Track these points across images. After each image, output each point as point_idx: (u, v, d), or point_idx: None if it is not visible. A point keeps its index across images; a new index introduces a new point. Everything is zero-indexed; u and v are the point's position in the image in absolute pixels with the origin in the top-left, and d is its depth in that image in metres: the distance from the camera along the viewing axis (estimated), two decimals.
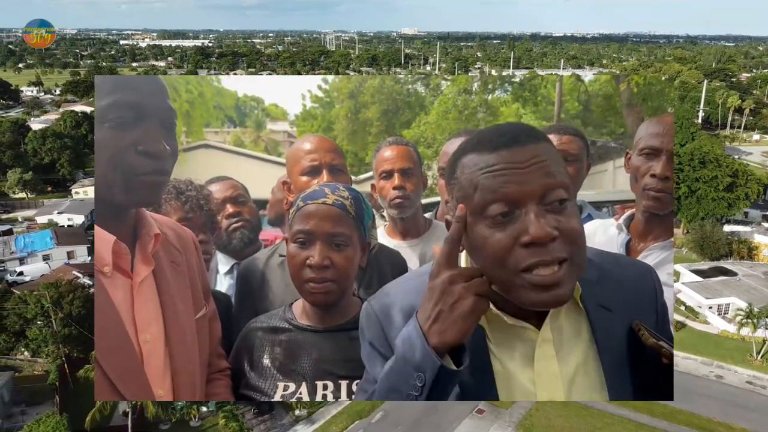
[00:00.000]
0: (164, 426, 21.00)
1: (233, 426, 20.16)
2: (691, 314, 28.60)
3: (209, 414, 21.60)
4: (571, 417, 21.69)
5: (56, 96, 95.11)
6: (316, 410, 22.05)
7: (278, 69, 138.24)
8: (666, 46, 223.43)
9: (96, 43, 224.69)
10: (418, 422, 21.41)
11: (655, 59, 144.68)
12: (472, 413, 21.85)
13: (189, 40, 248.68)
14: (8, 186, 45.96)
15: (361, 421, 21.67)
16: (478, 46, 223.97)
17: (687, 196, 36.38)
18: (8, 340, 23.79)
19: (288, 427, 21.41)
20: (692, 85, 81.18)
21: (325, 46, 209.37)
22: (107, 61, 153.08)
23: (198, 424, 21.35)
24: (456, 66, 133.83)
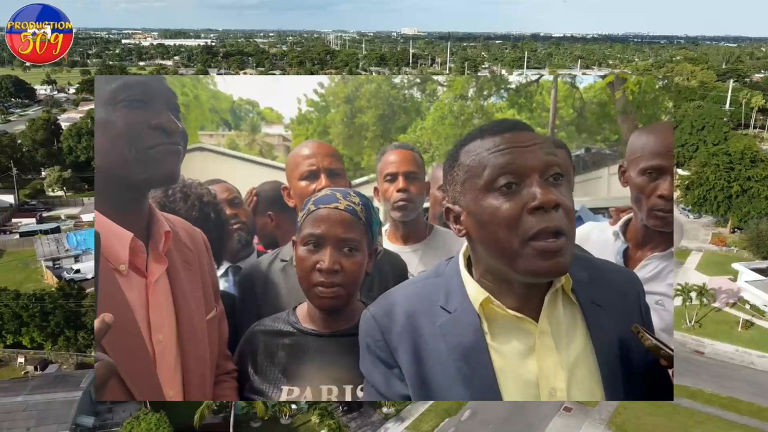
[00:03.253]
0: (255, 423, 20.89)
1: (330, 423, 20.04)
2: (757, 313, 28.61)
3: (298, 411, 21.49)
4: (661, 415, 21.65)
5: (70, 94, 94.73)
6: (404, 407, 21.96)
7: (287, 68, 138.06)
8: (668, 47, 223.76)
9: (99, 42, 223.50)
10: (507, 421, 21.35)
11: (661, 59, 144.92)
12: (559, 411, 21.80)
13: (191, 40, 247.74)
14: (47, 184, 45.68)
15: (451, 419, 21.59)
16: (482, 46, 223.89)
17: (738, 195, 36.40)
18: (86, 338, 23.61)
19: (378, 425, 21.32)
20: (712, 85, 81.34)
21: (329, 45, 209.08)
22: (114, 60, 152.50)
23: (288, 421, 21.23)
24: (465, 66, 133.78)
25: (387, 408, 21.79)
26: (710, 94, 75.22)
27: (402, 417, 21.68)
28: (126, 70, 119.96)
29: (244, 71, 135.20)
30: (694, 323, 27.47)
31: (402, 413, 21.81)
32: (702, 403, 22.22)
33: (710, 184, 37.26)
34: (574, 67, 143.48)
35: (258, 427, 20.87)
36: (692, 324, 27.46)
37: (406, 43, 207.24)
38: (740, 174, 36.33)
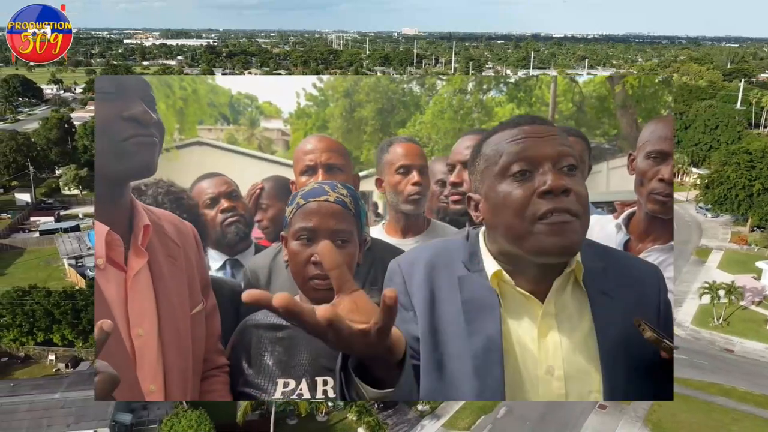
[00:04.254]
0: (291, 421, 20.84)
1: (369, 421, 20.00)
2: None
3: (333, 409, 21.45)
4: (697, 413, 21.63)
5: (77, 94, 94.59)
6: (439, 404, 21.92)
7: (292, 68, 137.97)
8: (670, 47, 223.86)
9: (101, 42, 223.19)
10: (544, 418, 21.32)
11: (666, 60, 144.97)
12: (594, 409, 21.77)
13: (192, 40, 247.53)
14: (64, 183, 45.64)
15: (487, 416, 21.56)
16: (485, 46, 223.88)
17: (759, 194, 36.40)
18: None
19: (414, 422, 21.29)
20: (720, 85, 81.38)
21: (330, 45, 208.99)
22: (118, 60, 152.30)
23: (324, 419, 21.20)
24: (470, 66, 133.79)
25: (422, 405, 21.75)
26: (720, 93, 75.29)
27: (437, 414, 21.65)
28: (131, 69, 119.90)
29: (249, 71, 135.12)
30: (722, 321, 27.45)
31: (437, 411, 21.78)
32: (736, 401, 22.21)
33: (731, 182, 37.26)
34: (579, 67, 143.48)
35: (294, 425, 20.82)
36: (720, 322, 27.45)
37: (407, 43, 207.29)
38: (761, 172, 36.33)
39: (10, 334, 23.69)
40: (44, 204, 43.24)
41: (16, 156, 45.44)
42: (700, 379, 23.49)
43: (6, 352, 24.23)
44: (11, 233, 37.88)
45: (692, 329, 27.42)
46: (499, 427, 21.12)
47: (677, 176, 51.86)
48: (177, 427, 18.45)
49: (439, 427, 21.18)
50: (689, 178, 50.31)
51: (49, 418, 19.07)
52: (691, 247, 37.67)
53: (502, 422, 21.34)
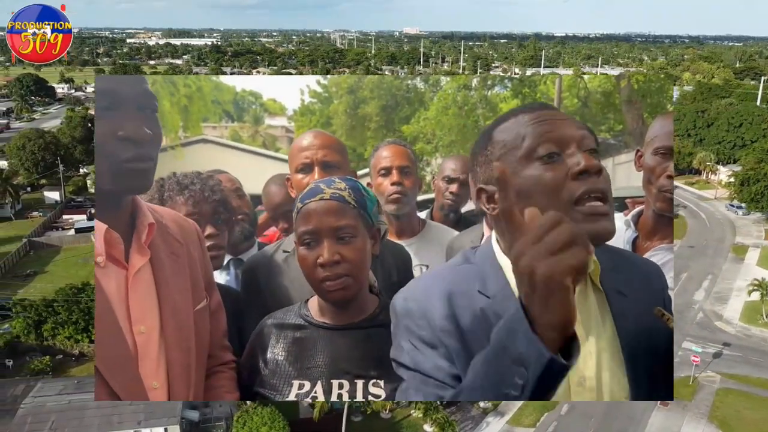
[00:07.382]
0: (356, 418, 20.77)
1: (438, 418, 19.95)
2: None
3: (397, 406, 21.38)
4: (760, 409, 21.59)
5: (89, 93, 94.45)
6: (500, 401, 21.86)
7: (299, 67, 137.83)
8: (674, 46, 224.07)
9: (105, 41, 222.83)
10: (608, 414, 21.29)
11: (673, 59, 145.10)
12: (657, 405, 21.72)
13: (195, 39, 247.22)
14: (92, 181, 45.48)
15: (550, 413, 21.52)
16: (489, 45, 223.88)
17: None
18: None
19: (479, 420, 21.25)
20: (736, 83, 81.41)
21: (334, 44, 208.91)
22: (124, 59, 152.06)
23: (389, 416, 21.14)
24: (478, 65, 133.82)
25: (484, 402, 21.69)
26: (736, 91, 75.31)
27: (501, 411, 21.60)
28: (140, 69, 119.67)
29: (257, 70, 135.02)
30: None
31: (500, 408, 21.73)
32: None
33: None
34: (587, 66, 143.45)
35: (359, 421, 20.77)
36: None
37: (410, 42, 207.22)
38: None
39: (65, 331, 23.60)
40: (74, 202, 43.08)
41: (45, 154, 45.29)
42: (758, 376, 23.47)
43: (60, 350, 24.13)
44: (45, 231, 37.74)
45: (742, 326, 27.38)
46: (564, 424, 21.08)
47: (703, 174, 51.84)
48: (250, 424, 18.36)
49: (504, 424, 21.13)
50: (716, 176, 50.27)
51: (119, 415, 18.97)
52: (727, 244, 37.63)
53: (566, 419, 21.30)
